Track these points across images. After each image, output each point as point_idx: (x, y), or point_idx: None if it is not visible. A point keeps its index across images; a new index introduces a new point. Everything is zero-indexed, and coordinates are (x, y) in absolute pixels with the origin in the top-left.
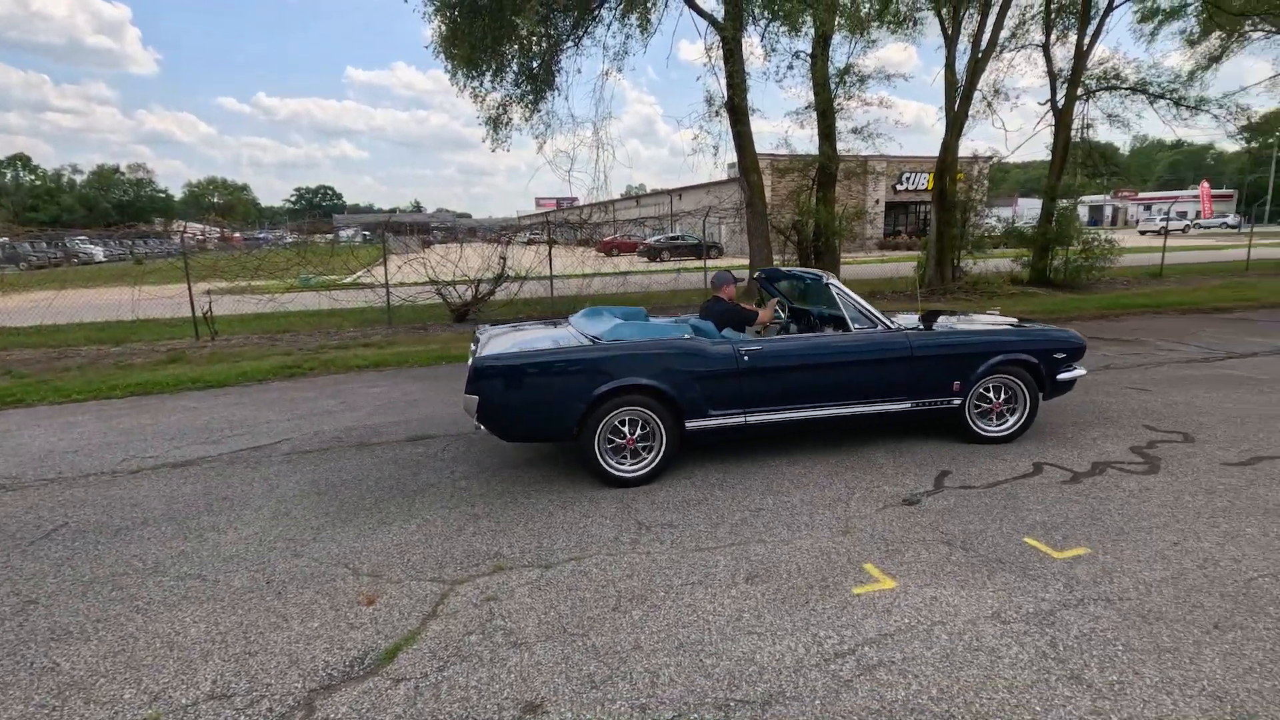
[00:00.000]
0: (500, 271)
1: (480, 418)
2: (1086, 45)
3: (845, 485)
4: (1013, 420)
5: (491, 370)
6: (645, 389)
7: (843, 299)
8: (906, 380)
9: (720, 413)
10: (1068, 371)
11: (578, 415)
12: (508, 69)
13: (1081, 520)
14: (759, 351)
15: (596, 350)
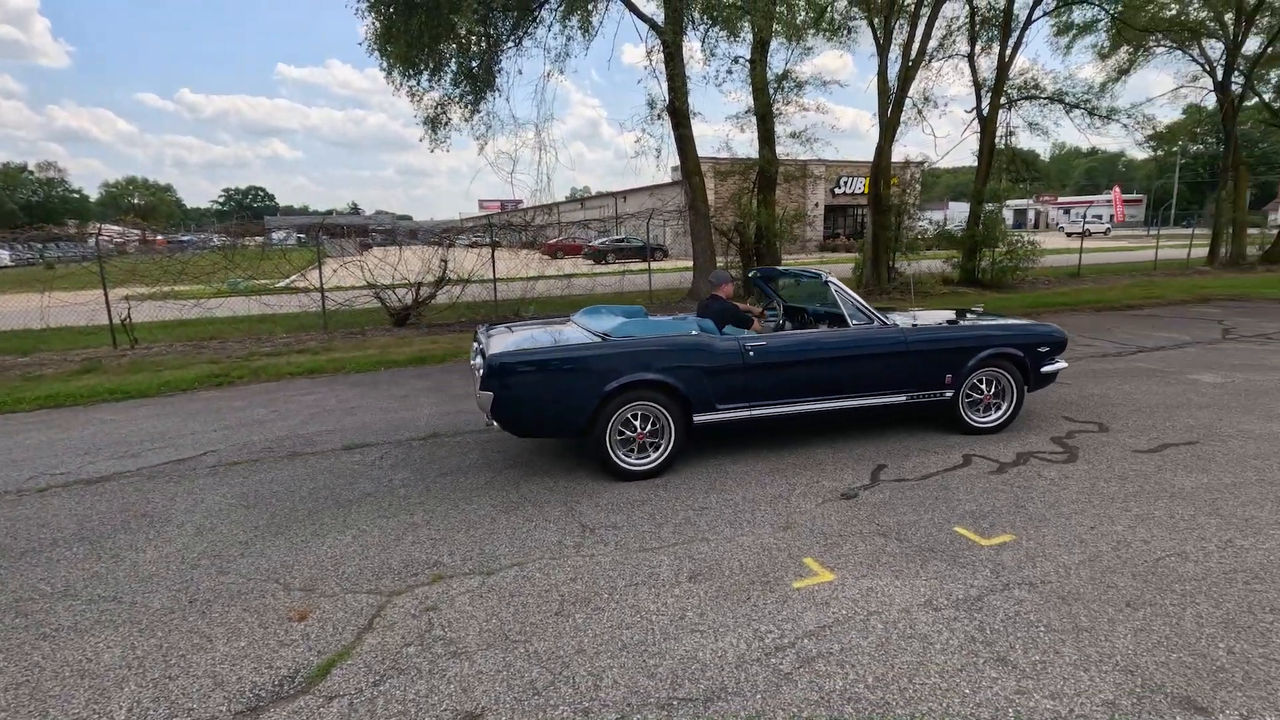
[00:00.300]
0: (441, 274)
1: (494, 414)
2: (1008, 56)
3: (787, 482)
4: (1000, 412)
5: (507, 367)
6: (655, 384)
7: (841, 296)
8: (902, 374)
9: (726, 407)
10: (1051, 364)
11: (590, 410)
12: (446, 68)
13: (1007, 508)
14: (764, 347)
15: (609, 347)
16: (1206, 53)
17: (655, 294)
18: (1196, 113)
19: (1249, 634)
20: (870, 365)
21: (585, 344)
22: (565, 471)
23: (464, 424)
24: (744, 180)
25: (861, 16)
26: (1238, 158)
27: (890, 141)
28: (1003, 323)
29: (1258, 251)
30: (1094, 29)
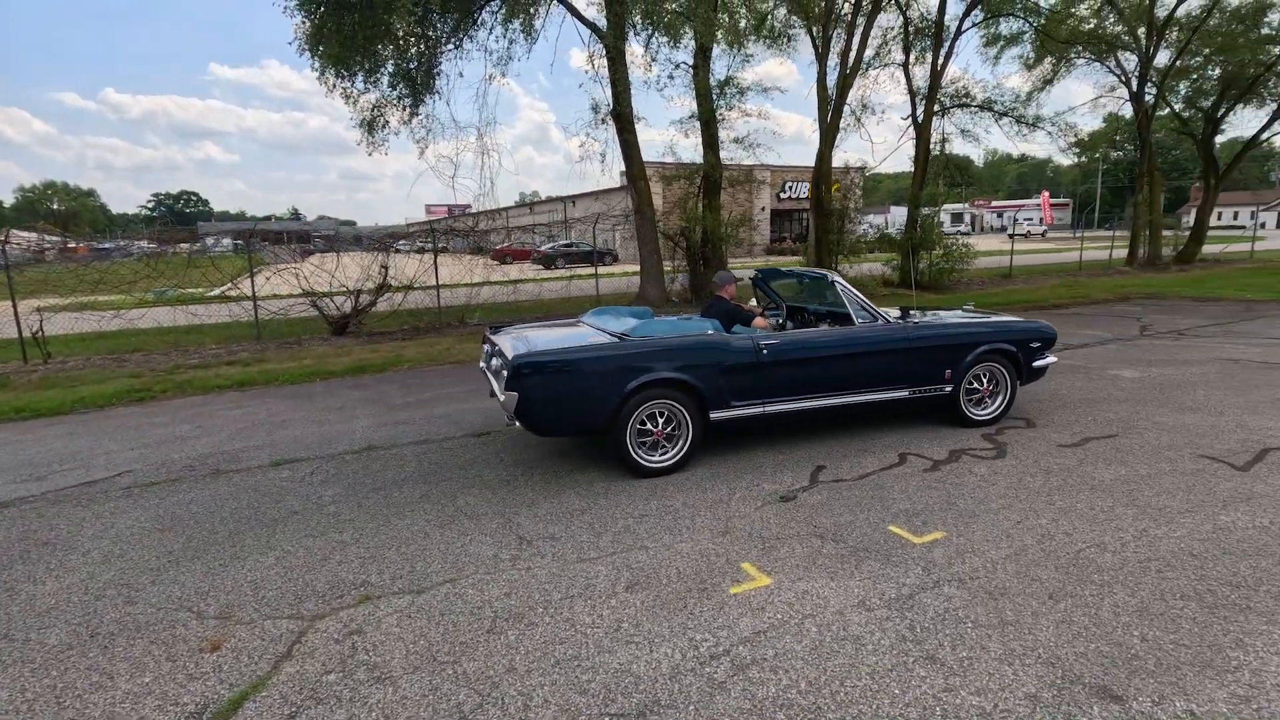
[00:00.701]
0: (382, 281)
1: (518, 413)
2: (940, 65)
3: (727, 486)
4: (995, 405)
5: (532, 367)
6: (673, 382)
7: (847, 295)
8: (905, 370)
9: (741, 403)
10: (1041, 359)
11: (611, 408)
12: (383, 70)
13: (939, 505)
14: (777, 345)
15: (630, 346)
16: (1122, 64)
17: (602, 299)
18: (1115, 121)
19: (1161, 621)
20: (876, 362)
21: (607, 344)
22: (504, 483)
23: (400, 436)
24: (689, 185)
25: (801, 25)
26: (1152, 164)
27: (830, 147)
28: (997, 319)
29: (1172, 252)
30: (1020, 41)
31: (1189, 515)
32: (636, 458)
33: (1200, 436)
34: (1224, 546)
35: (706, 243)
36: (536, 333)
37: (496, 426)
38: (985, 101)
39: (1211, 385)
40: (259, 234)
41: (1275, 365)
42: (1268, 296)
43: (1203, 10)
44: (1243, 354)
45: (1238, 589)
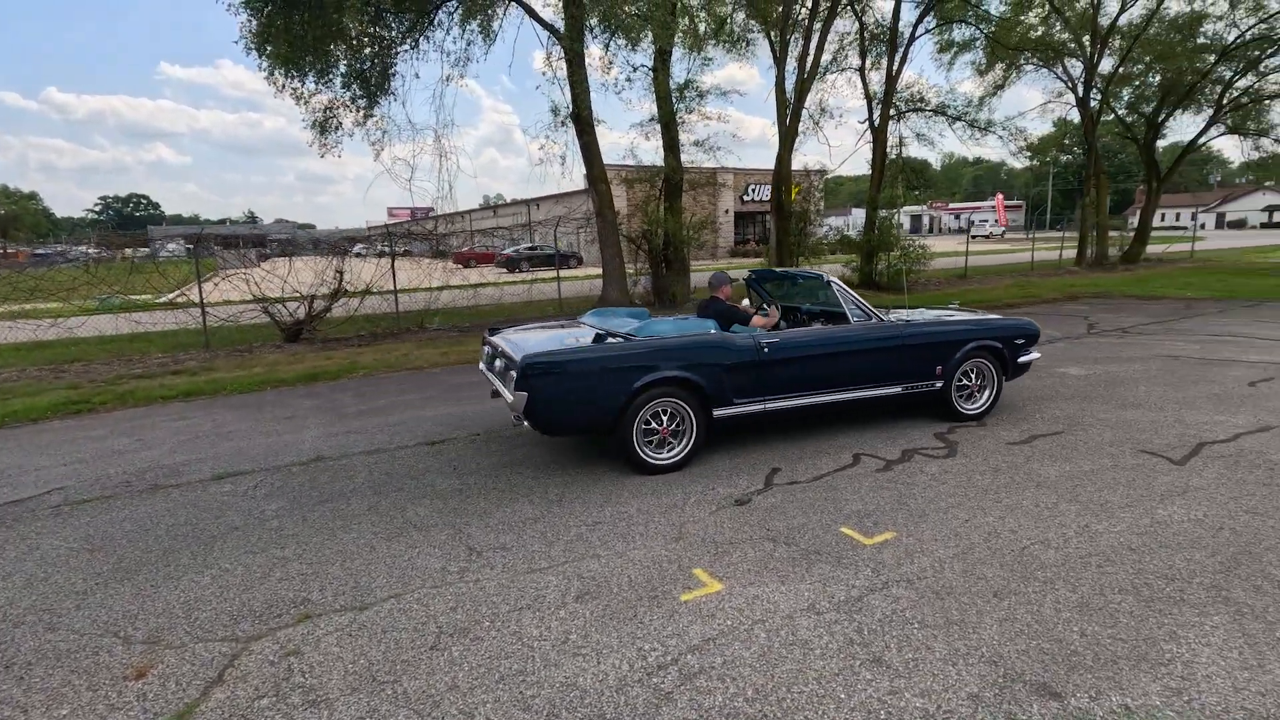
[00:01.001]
0: (337, 286)
1: (527, 412)
2: (896, 71)
3: (682, 491)
4: (984, 399)
5: (542, 367)
6: (679, 381)
7: (843, 295)
8: (899, 367)
9: (743, 401)
10: (1026, 355)
11: (619, 407)
12: (335, 70)
13: (890, 505)
14: (777, 343)
15: (637, 345)
16: (1069, 71)
17: (565, 302)
18: (1064, 126)
19: (1100, 616)
20: (872, 359)
21: (613, 344)
22: (456, 492)
23: (351, 445)
24: (650, 188)
25: (759, 29)
26: (1099, 167)
27: (790, 150)
28: (984, 317)
29: (1118, 252)
30: (972, 47)
31: (1128, 510)
32: (643, 455)
33: (1141, 432)
34: (1161, 540)
35: (668, 245)
36: (539, 334)
37: (451, 434)
38: (939, 106)
39: (1153, 381)
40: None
41: (1212, 361)
42: (1206, 295)
43: (1143, 19)
44: (1182, 350)
45: (1172, 582)
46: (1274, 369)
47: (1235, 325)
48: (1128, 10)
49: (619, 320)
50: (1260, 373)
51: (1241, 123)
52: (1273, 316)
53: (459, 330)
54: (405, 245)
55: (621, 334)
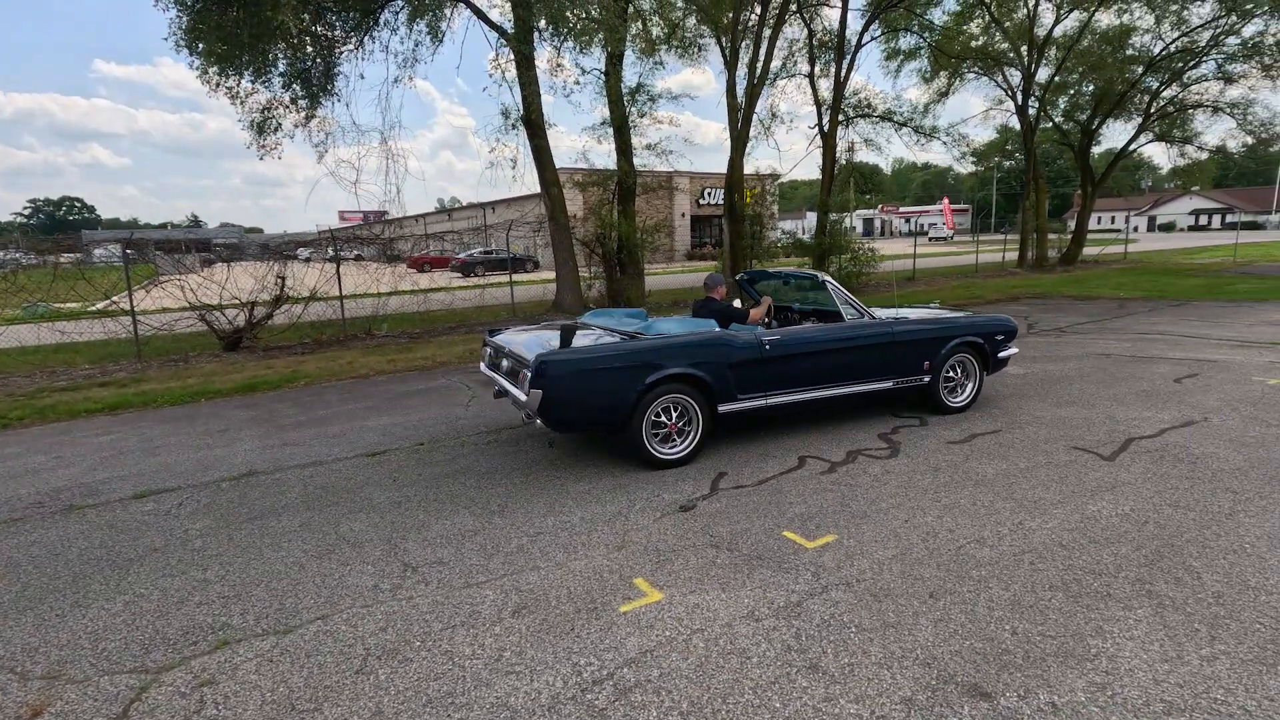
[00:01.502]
0: (279, 293)
1: (541, 410)
2: (844, 77)
3: (627, 498)
4: (966, 393)
5: (557, 365)
6: (687, 377)
7: (838, 294)
8: (891, 362)
9: (746, 396)
10: (1005, 350)
11: (630, 403)
12: (273, 69)
13: (833, 508)
14: (779, 340)
15: (647, 343)
16: (1008, 79)
17: (519, 307)
18: (1006, 133)
19: (1031, 613)
20: (866, 355)
21: (627, 342)
22: (394, 505)
23: (287, 459)
24: (603, 191)
25: (711, 35)
26: (1038, 173)
27: (741, 154)
28: (967, 315)
29: (1057, 254)
30: (917, 56)
31: (1060, 506)
32: (652, 450)
33: (1074, 429)
34: (1090, 536)
35: (622, 249)
36: (543, 334)
37: (393, 445)
38: (886, 112)
39: (1086, 380)
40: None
41: (1141, 359)
42: (1138, 294)
43: (1076, 31)
44: (1115, 349)
45: (1100, 576)
46: (1197, 365)
47: (1163, 324)
48: (1062, 22)
49: (621, 320)
50: (1185, 369)
51: (1168, 131)
52: (1197, 315)
53: (409, 336)
54: (357, 250)
55: (628, 333)
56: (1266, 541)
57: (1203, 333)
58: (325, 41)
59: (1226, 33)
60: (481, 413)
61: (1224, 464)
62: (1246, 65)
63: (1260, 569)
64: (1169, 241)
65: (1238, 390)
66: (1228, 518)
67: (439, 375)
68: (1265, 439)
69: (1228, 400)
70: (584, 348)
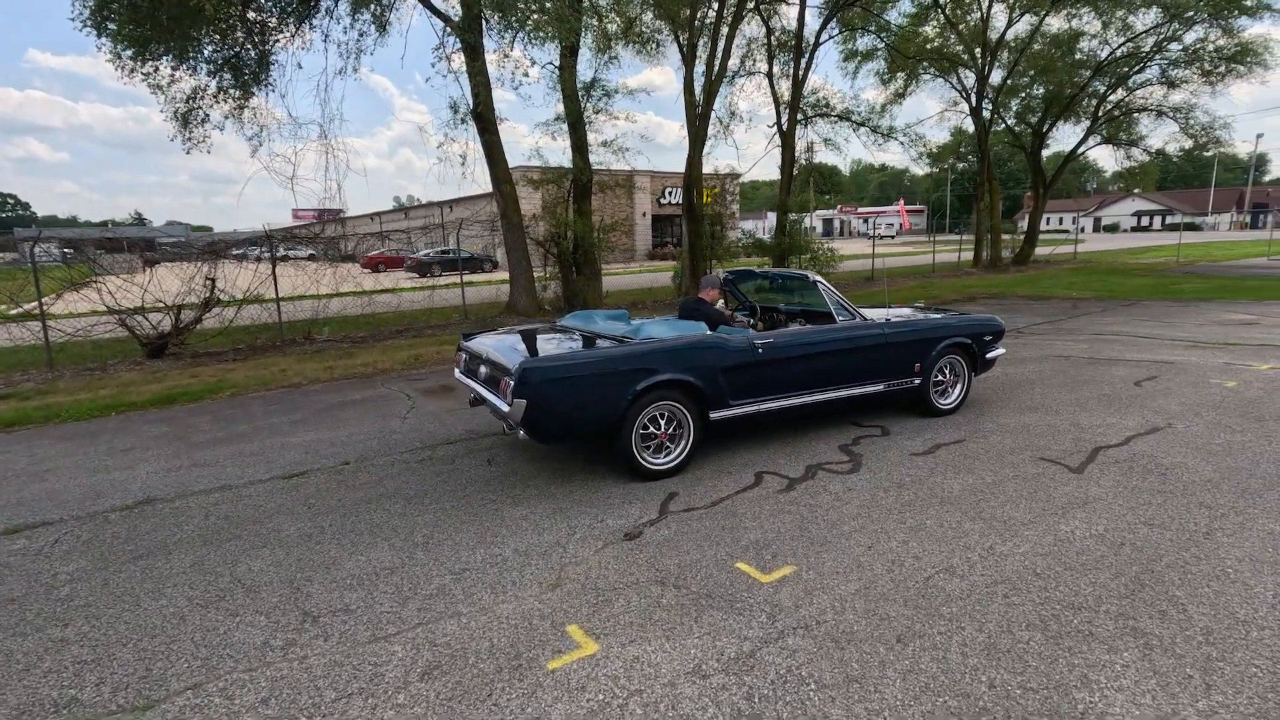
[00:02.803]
0: (210, 295)
1: (525, 420)
2: (802, 76)
3: (568, 524)
4: (956, 395)
5: (542, 373)
6: (678, 384)
7: (829, 295)
8: (882, 364)
9: (738, 402)
10: (993, 351)
11: (620, 411)
12: (198, 55)
13: (791, 533)
14: (772, 343)
15: (636, 348)
16: (963, 81)
17: (471, 309)
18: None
19: (1008, 660)
20: (859, 357)
21: (616, 348)
22: (305, 538)
23: (193, 482)
24: (558, 189)
25: (669, 30)
26: (991, 174)
27: (700, 151)
28: (955, 315)
29: (1010, 254)
30: (874, 57)
31: (1031, 526)
32: (642, 460)
33: (1038, 437)
34: (1065, 561)
35: (578, 249)
36: (515, 338)
37: (317, 464)
38: (844, 112)
39: (1047, 383)
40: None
41: (1100, 361)
42: (1090, 294)
43: (1028, 35)
44: (1072, 350)
45: (1080, 611)
46: (1155, 367)
47: (1117, 324)
48: (1014, 25)
49: (605, 323)
50: (1144, 371)
51: (1115, 134)
52: (1148, 315)
53: (351, 341)
54: (310, 249)
55: (615, 337)
56: (1249, 565)
57: (1156, 333)
58: (258, 27)
59: (1169, 39)
60: (419, 425)
61: (1194, 475)
62: (1188, 70)
63: (1247, 598)
64: (1114, 242)
65: (1198, 394)
66: (1206, 537)
67: (378, 383)
68: (1231, 446)
69: (1189, 405)
70: (570, 353)
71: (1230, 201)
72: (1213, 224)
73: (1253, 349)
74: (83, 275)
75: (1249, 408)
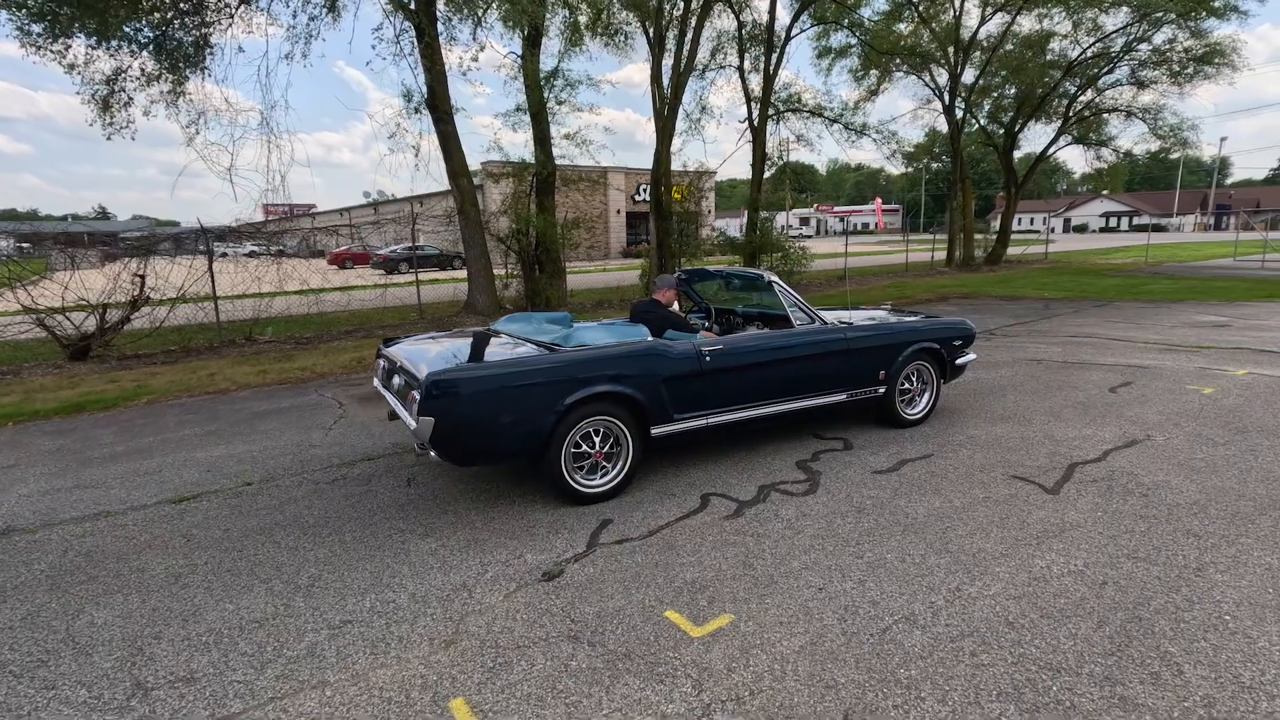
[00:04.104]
0: (139, 293)
1: (434, 441)
2: (773, 70)
3: (480, 560)
4: (924, 403)
5: (452, 385)
6: (614, 396)
7: (785, 297)
8: (844, 372)
9: (683, 416)
10: (963, 357)
11: (547, 429)
12: (117, 32)
13: (733, 570)
14: (721, 351)
15: (565, 357)
16: (936, 80)
17: (427, 308)
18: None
19: None
20: (819, 365)
21: (540, 355)
22: (171, 579)
23: (65, 509)
24: (520, 184)
25: (637, 20)
26: (964, 173)
27: (668, 145)
28: (922, 318)
29: (983, 254)
30: (848, 54)
31: (1003, 561)
32: (573, 483)
33: (1011, 452)
34: (1041, 606)
35: (540, 246)
36: (446, 345)
37: (214, 484)
38: (816, 107)
39: (1019, 389)
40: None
41: (1074, 365)
42: (1061, 295)
43: (999, 34)
44: (1045, 354)
45: (1059, 674)
46: (1129, 372)
47: (1089, 325)
48: (986, 24)
49: (538, 327)
50: (1118, 377)
51: (1085, 134)
52: (1120, 316)
53: (295, 342)
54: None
55: (545, 343)
56: (1248, 611)
57: (1128, 335)
58: (192, 6)
59: (1139, 39)
60: (343, 438)
61: (1179, 496)
62: (1157, 71)
63: (1250, 656)
64: (1083, 242)
65: (1175, 402)
66: (1197, 574)
67: (312, 389)
68: (1215, 462)
69: (1168, 414)
70: (487, 363)
71: (1194, 203)
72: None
73: (1227, 352)
74: (16, 273)
75: (1229, 417)
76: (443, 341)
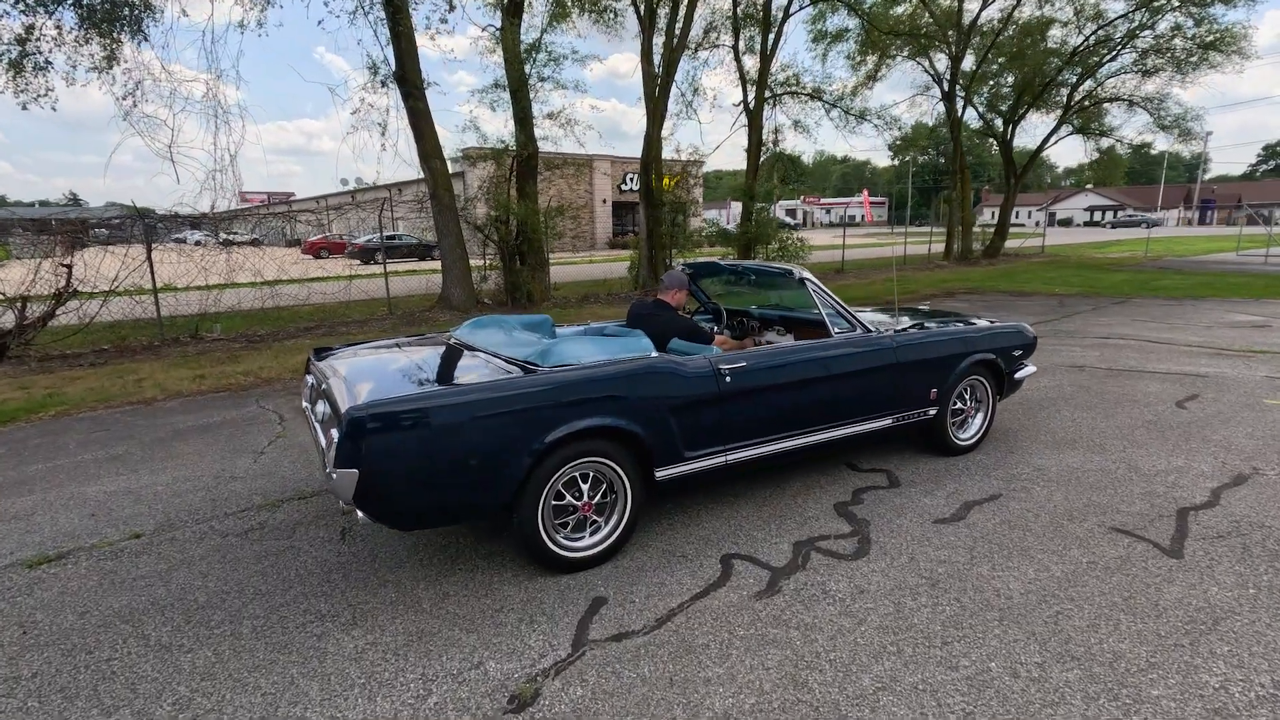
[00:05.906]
0: (65, 285)
1: (360, 497)
2: (769, 51)
3: (422, 671)
4: (976, 427)
5: (381, 422)
6: (608, 431)
7: (820, 298)
8: (891, 391)
9: (696, 454)
10: (1022, 370)
11: (518, 478)
12: None
13: (782, 697)
14: (744, 368)
15: (543, 381)
16: (935, 66)
17: (398, 301)
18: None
19: None
20: (862, 383)
21: (505, 380)
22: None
23: None
24: (500, 168)
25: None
26: (963, 163)
27: (659, 129)
28: (975, 324)
29: (980, 247)
30: (845, 38)
31: (1156, 675)
32: (554, 547)
33: (1096, 491)
34: None
35: (521, 235)
36: (389, 360)
37: (92, 538)
38: (814, 90)
39: (1072, 403)
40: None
41: (1122, 373)
42: (1071, 290)
43: (1000, 21)
44: (1082, 358)
45: None
46: (1190, 382)
47: (1117, 325)
48: (988, 8)
49: (511, 336)
50: (1180, 388)
51: (1086, 124)
52: (1145, 314)
53: (247, 340)
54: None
55: (519, 361)
56: None
57: (1165, 337)
58: None
59: (1141, 26)
60: (274, 466)
61: None
62: (1160, 59)
63: None
64: (1071, 236)
65: (1261, 421)
66: None
67: (253, 399)
68: None
69: (1260, 437)
70: (435, 391)
71: (1178, 198)
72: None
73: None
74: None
75: None
76: (388, 355)
